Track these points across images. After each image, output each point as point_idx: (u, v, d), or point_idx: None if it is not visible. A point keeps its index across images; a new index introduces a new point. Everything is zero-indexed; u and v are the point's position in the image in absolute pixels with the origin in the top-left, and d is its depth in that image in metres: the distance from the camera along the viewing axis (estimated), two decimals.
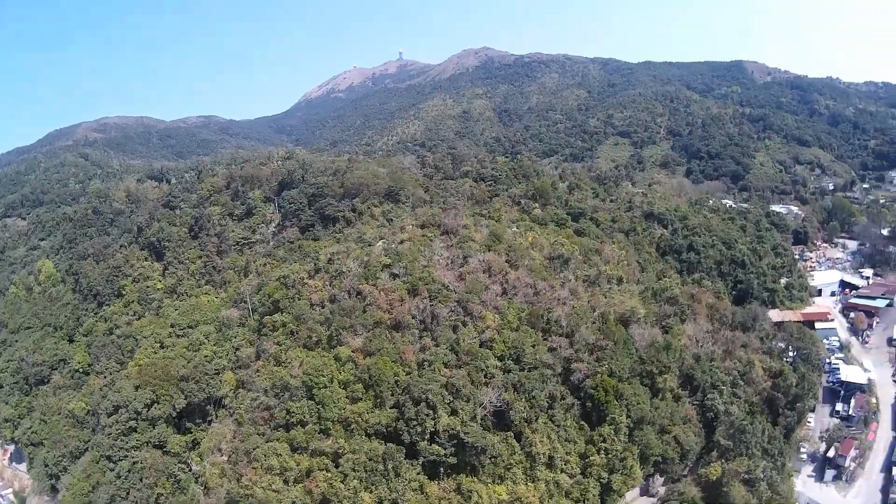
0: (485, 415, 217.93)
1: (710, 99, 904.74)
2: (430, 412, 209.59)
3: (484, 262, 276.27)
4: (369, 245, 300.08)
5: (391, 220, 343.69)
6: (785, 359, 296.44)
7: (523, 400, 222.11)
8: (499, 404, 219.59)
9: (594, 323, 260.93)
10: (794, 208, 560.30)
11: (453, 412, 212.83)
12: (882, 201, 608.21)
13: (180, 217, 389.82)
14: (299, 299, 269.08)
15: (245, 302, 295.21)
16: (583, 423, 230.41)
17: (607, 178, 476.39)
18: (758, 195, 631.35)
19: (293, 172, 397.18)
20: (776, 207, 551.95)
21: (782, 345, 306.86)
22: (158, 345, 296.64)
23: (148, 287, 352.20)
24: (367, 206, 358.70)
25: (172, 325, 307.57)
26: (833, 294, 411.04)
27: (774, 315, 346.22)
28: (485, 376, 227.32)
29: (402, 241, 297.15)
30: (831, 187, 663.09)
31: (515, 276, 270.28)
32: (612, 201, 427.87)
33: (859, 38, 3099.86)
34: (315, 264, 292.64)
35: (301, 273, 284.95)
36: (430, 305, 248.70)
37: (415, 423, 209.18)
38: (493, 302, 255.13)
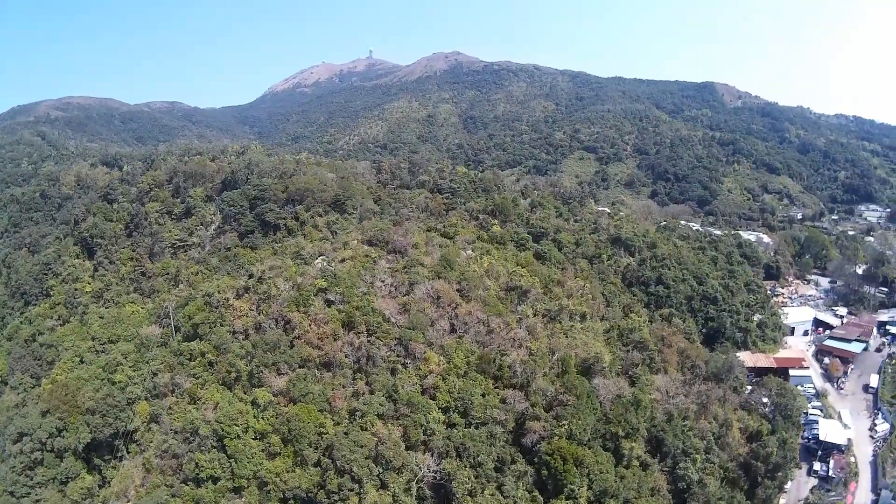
0: (420, 487, 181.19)
1: (680, 120, 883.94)
2: (356, 486, 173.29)
3: (432, 291, 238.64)
4: (306, 263, 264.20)
5: (335, 232, 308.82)
6: (761, 412, 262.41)
7: (467, 467, 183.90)
8: (438, 474, 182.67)
9: (552, 369, 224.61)
10: (764, 237, 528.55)
11: (383, 485, 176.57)
12: (852, 233, 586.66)
13: (117, 212, 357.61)
14: (222, 324, 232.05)
15: (168, 317, 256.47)
16: (536, 494, 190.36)
17: (572, 198, 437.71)
18: (724, 220, 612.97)
19: (237, 172, 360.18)
20: (745, 234, 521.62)
21: (762, 398, 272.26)
22: (78, 359, 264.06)
23: (76, 289, 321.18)
24: (310, 214, 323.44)
25: (94, 339, 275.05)
26: (806, 333, 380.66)
27: (747, 358, 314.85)
28: (424, 433, 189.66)
29: (343, 260, 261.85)
30: (799, 217, 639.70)
31: (467, 311, 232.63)
32: (576, 221, 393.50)
33: (831, 71, 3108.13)
34: (245, 281, 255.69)
35: (227, 292, 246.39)
36: (368, 342, 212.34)
37: (337, 498, 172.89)
38: (439, 340, 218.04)
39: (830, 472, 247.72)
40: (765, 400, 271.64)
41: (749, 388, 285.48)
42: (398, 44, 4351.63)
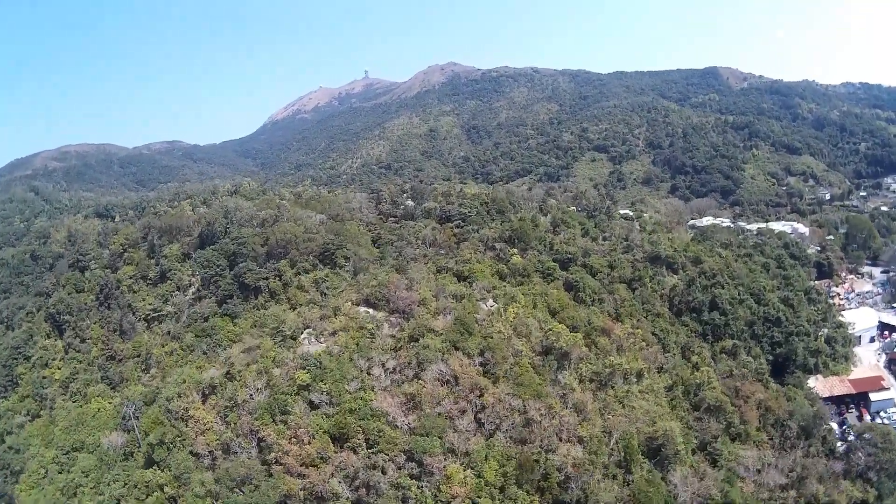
0: None
1: (688, 108, 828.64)
2: None
3: (448, 371, 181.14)
4: (290, 339, 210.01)
5: (325, 292, 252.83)
6: (865, 476, 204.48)
7: None
8: None
9: (612, 456, 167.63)
10: (799, 226, 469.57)
11: None
12: (885, 209, 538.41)
13: (88, 281, 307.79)
14: (182, 444, 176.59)
15: (132, 419, 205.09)
16: None
17: (597, 210, 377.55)
18: (752, 210, 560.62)
19: (213, 223, 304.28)
20: (778, 225, 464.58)
21: (859, 455, 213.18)
22: (43, 471, 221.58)
23: (45, 377, 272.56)
24: (295, 271, 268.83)
25: (57, 447, 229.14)
26: (872, 340, 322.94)
27: (819, 387, 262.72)
28: None
29: (334, 332, 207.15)
30: (828, 197, 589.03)
31: (495, 396, 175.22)
32: (605, 239, 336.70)
33: (832, 40, 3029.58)
34: (212, 377, 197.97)
35: (191, 393, 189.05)
36: (367, 463, 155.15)
37: None
38: (462, 445, 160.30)
39: None
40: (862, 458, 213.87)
41: (837, 432, 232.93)
42: (393, 61, 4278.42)
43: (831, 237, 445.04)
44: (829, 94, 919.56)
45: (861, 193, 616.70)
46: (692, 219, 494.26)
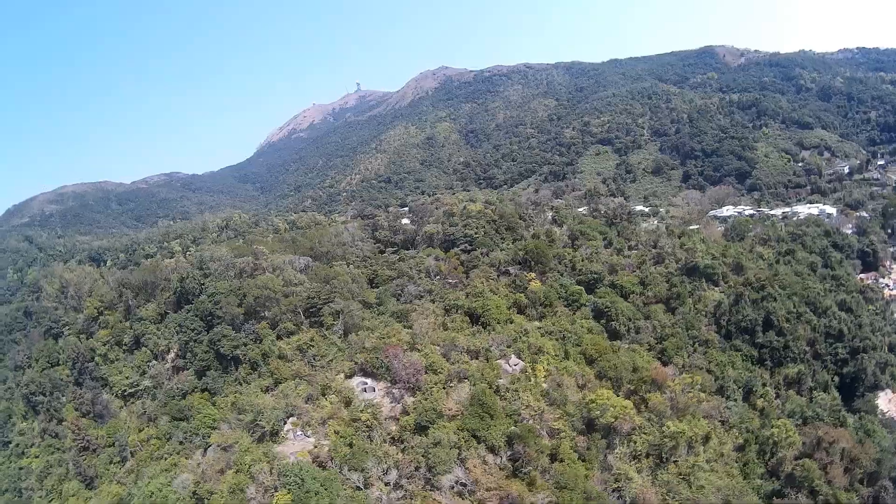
0: None
1: (688, 90, 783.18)
2: None
3: (468, 480, 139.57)
4: (267, 439, 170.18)
5: (312, 361, 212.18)
6: None
7: None
8: None
9: None
10: (826, 207, 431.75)
11: None
12: None
13: (63, 350, 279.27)
14: None
15: None
16: None
17: (617, 215, 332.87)
18: (771, 193, 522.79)
19: (187, 279, 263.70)
20: (803, 208, 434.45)
21: None
22: None
23: (21, 469, 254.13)
24: (277, 333, 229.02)
25: None
26: None
27: (888, 405, 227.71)
28: None
29: (322, 422, 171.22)
30: (846, 171, 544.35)
31: None
32: (631, 249, 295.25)
33: (822, 6, 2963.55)
34: (192, 478, 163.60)
35: None
36: None
37: None
38: None
39: None
40: None
41: None
42: (383, 71, 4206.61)
43: (863, 214, 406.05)
44: (828, 61, 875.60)
45: (879, 162, 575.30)
46: (712, 209, 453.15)
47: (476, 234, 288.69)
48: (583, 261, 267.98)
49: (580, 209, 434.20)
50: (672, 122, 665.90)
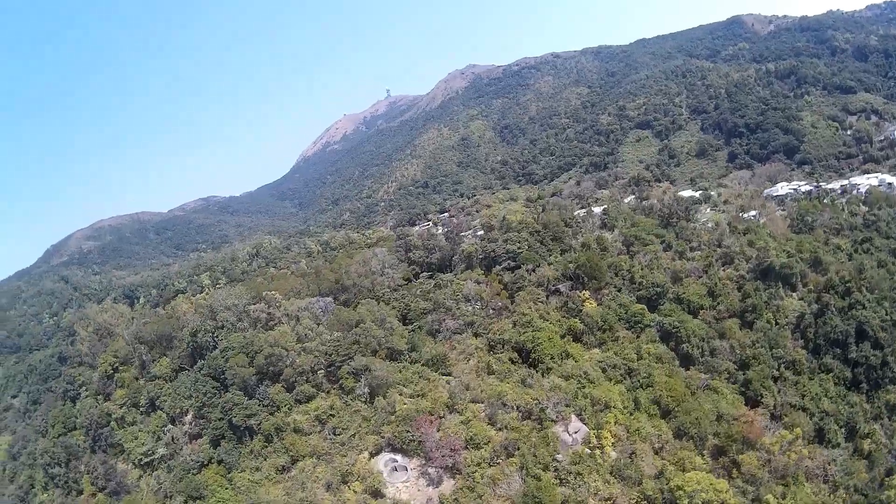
0: None
1: (721, 63, 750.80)
2: None
3: None
4: None
5: (332, 435, 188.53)
6: None
7: None
8: None
9: None
10: (887, 176, 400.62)
11: None
12: None
13: (80, 414, 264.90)
14: None
15: None
16: None
17: (673, 213, 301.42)
18: (822, 166, 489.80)
19: (198, 333, 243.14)
20: (861, 179, 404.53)
21: None
22: None
23: None
24: (293, 398, 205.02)
25: None
26: None
27: None
28: None
29: None
30: None
31: None
32: (692, 249, 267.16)
33: None
34: None
35: None
36: None
37: None
38: None
39: None
40: None
41: None
42: (411, 75, 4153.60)
43: None
44: (859, 20, 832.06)
45: None
46: (765, 189, 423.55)
47: (519, 248, 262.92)
48: (642, 270, 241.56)
49: (627, 199, 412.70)
50: (710, 98, 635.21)
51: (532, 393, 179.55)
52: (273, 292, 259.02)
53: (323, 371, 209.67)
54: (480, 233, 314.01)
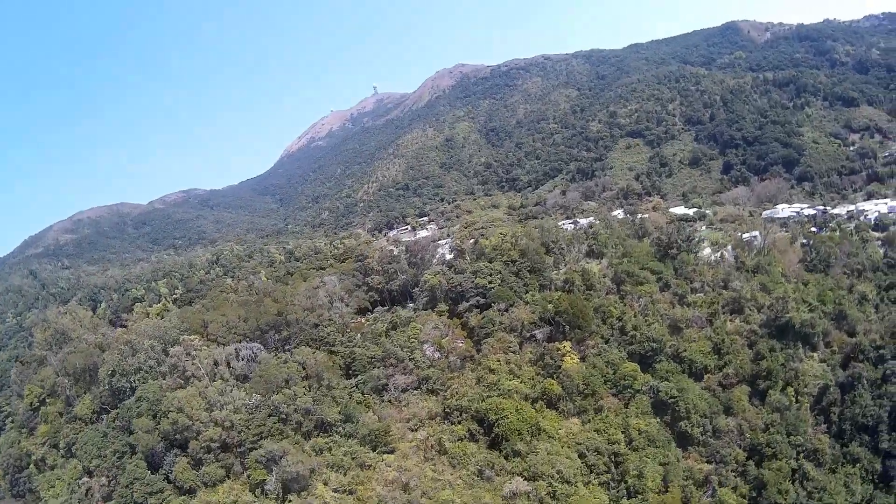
0: None
1: (716, 70, 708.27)
2: None
3: None
4: None
5: None
6: None
7: None
8: None
9: None
10: None
11: None
12: None
13: (2, 448, 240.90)
14: None
15: None
16: None
17: (672, 241, 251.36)
18: (824, 183, 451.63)
19: (114, 376, 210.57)
20: (868, 205, 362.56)
21: None
22: None
23: None
24: (199, 479, 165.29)
25: None
26: None
27: None
28: None
29: None
30: None
31: None
32: (694, 290, 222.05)
33: None
34: None
35: None
36: None
37: None
38: None
39: None
40: None
41: None
42: (401, 72, 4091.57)
43: None
44: (857, 30, 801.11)
45: None
46: (764, 209, 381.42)
47: (490, 283, 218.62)
48: (635, 317, 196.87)
49: (616, 213, 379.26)
50: (705, 106, 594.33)
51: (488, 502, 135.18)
52: (192, 338, 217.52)
53: (234, 452, 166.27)
54: (449, 257, 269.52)
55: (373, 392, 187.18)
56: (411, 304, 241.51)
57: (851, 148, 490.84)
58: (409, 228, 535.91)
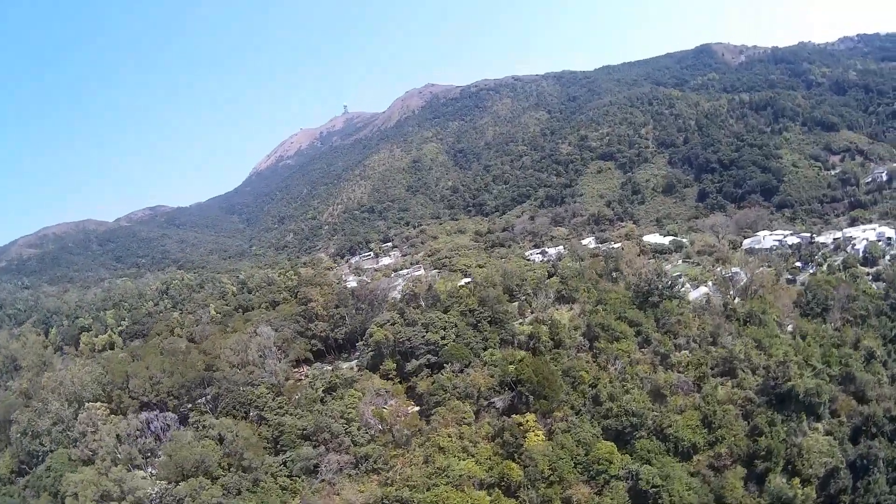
0: None
1: (689, 93, 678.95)
2: None
3: None
4: None
5: None
6: None
7: None
8: None
9: None
10: (886, 230, 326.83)
11: None
12: None
13: None
14: None
15: None
16: None
17: (652, 286, 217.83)
18: (804, 210, 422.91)
19: (26, 436, 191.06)
20: (856, 231, 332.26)
21: None
22: None
23: None
24: None
25: None
26: None
27: None
28: None
29: None
30: (885, 178, 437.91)
31: None
32: (679, 347, 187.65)
33: None
34: None
35: None
36: None
37: None
38: None
39: None
40: None
41: None
42: (372, 91, 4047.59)
43: None
44: (832, 52, 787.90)
45: None
46: (744, 237, 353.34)
47: (444, 339, 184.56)
48: (611, 383, 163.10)
49: (586, 241, 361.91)
50: (679, 130, 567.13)
51: None
52: (99, 406, 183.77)
53: None
54: (401, 304, 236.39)
55: (303, 473, 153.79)
56: (355, 361, 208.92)
57: (832, 172, 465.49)
58: (372, 255, 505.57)
